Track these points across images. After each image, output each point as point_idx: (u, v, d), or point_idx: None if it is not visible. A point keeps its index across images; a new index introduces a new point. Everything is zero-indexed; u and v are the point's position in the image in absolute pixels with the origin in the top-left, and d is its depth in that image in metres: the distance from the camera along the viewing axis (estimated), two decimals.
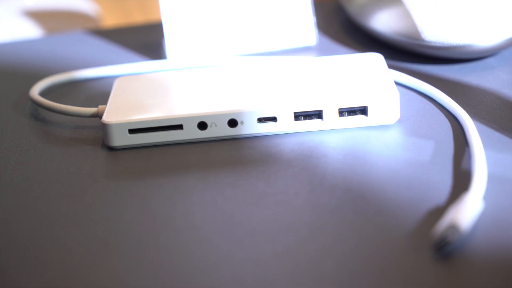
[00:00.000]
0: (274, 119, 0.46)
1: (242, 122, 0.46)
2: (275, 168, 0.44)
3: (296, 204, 0.41)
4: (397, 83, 0.51)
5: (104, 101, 0.51)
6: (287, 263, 0.37)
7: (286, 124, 0.47)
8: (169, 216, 0.41)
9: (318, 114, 0.47)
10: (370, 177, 0.42)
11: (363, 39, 0.58)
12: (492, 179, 0.41)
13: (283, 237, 0.38)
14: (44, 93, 0.55)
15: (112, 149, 0.47)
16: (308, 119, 0.47)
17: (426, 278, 0.35)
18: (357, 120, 0.47)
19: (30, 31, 0.81)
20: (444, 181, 0.41)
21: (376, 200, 0.40)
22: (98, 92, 0.54)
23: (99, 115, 0.49)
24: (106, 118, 0.47)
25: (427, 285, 0.35)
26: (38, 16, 0.83)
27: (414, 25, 0.53)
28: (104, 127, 0.47)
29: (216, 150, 0.46)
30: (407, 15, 0.54)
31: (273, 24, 0.58)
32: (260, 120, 0.47)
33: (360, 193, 0.41)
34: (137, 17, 1.09)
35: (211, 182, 0.43)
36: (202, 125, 0.47)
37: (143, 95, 0.49)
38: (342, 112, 0.46)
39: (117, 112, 0.47)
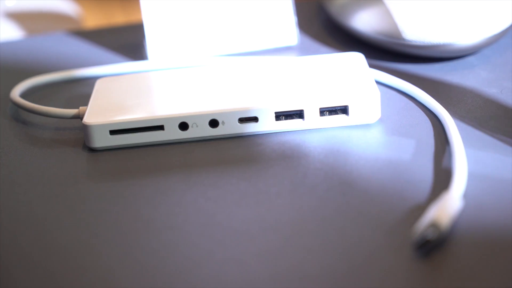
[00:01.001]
0: (255, 119, 0.46)
1: (223, 122, 0.46)
2: (257, 168, 0.44)
3: (278, 203, 0.41)
4: (378, 82, 0.51)
5: (85, 103, 0.51)
6: (269, 262, 0.37)
7: (267, 124, 0.47)
8: (151, 217, 0.41)
9: (299, 114, 0.47)
10: (351, 176, 0.42)
11: (344, 38, 0.59)
12: (472, 177, 0.41)
13: (265, 236, 0.38)
14: (25, 94, 0.54)
15: (93, 150, 0.47)
16: (289, 119, 0.47)
17: (407, 276, 0.35)
18: (338, 119, 0.47)
19: (11, 32, 0.81)
20: (425, 179, 0.41)
21: (357, 199, 0.40)
22: (79, 94, 0.54)
23: (80, 117, 0.49)
24: (87, 119, 0.47)
25: (408, 284, 0.35)
26: (19, 17, 0.83)
27: (394, 24, 0.53)
28: (85, 128, 0.47)
29: (198, 151, 0.46)
30: (387, 14, 0.54)
31: (254, 24, 0.58)
32: (241, 120, 0.47)
33: (341, 192, 0.41)
34: (118, 18, 1.09)
35: (193, 182, 0.43)
36: (183, 126, 0.47)
37: (124, 96, 0.49)
38: (323, 111, 0.47)
39: (98, 113, 0.47)
